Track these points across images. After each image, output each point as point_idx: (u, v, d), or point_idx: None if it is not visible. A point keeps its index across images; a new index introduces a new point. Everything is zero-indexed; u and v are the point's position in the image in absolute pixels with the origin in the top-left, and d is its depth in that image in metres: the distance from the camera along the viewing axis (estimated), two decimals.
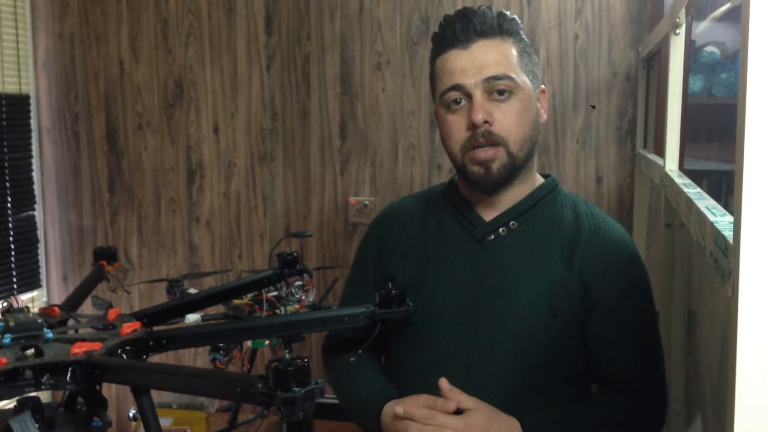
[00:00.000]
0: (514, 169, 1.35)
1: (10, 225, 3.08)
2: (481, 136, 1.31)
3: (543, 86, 1.41)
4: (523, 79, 1.34)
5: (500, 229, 1.38)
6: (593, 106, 2.72)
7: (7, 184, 3.06)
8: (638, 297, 1.38)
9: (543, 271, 1.34)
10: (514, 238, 1.37)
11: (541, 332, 1.31)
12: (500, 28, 1.35)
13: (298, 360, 0.96)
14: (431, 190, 1.55)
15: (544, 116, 1.41)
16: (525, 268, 1.35)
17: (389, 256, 1.48)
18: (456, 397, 1.24)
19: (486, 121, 1.31)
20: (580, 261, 1.34)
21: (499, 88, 1.31)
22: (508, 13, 1.37)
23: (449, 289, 1.37)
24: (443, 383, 1.25)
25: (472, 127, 1.31)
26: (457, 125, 1.34)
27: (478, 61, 1.32)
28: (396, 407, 1.26)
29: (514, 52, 1.35)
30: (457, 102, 1.34)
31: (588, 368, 1.37)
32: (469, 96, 1.32)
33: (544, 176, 1.46)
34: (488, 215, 1.40)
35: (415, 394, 1.28)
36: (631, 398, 1.35)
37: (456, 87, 1.33)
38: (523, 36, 1.39)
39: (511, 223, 1.38)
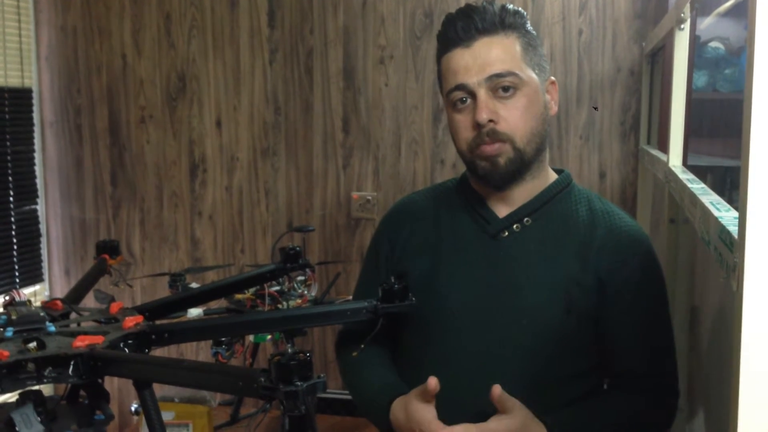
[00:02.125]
0: (523, 164, 1.34)
1: (13, 218, 3.08)
2: (486, 135, 1.31)
3: (552, 78, 1.40)
4: (528, 74, 1.33)
5: (514, 226, 1.38)
6: (595, 108, 2.71)
7: (10, 178, 3.06)
8: (654, 292, 1.38)
9: (557, 267, 1.33)
10: (528, 234, 1.37)
11: (554, 329, 1.31)
12: (502, 23, 1.33)
13: (301, 354, 0.96)
14: (441, 186, 1.55)
15: (555, 108, 1.40)
16: (539, 265, 1.34)
17: (401, 251, 1.47)
18: (498, 397, 1.21)
19: (491, 120, 1.30)
20: (595, 257, 1.33)
21: (503, 85, 1.31)
22: (511, 6, 1.35)
23: (462, 285, 1.37)
24: (496, 389, 1.21)
25: (477, 126, 1.31)
26: (464, 124, 1.34)
27: (480, 59, 1.31)
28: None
29: (517, 47, 1.34)
30: (462, 101, 1.34)
31: (602, 364, 1.37)
32: (473, 95, 1.32)
33: (558, 171, 1.45)
34: (502, 211, 1.39)
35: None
36: (647, 394, 1.35)
37: (460, 87, 1.33)
38: (529, 28, 1.37)
39: (525, 219, 1.38)
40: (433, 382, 1.23)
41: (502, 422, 1.20)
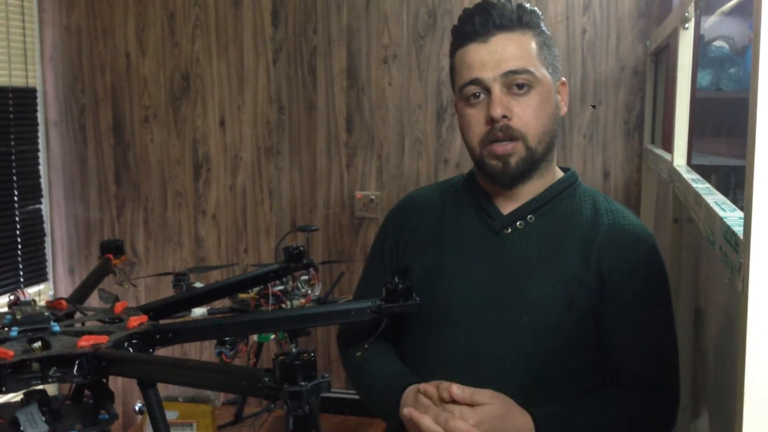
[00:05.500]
0: (533, 163, 1.35)
1: (17, 218, 3.09)
2: (499, 130, 1.32)
3: (563, 79, 1.41)
4: (543, 73, 1.34)
5: (518, 223, 1.38)
6: (593, 106, 2.71)
7: (14, 177, 3.06)
8: (655, 291, 1.37)
9: (559, 264, 1.33)
10: (532, 231, 1.37)
11: (556, 326, 1.31)
12: (520, 20, 1.34)
13: (305, 354, 0.96)
14: (449, 182, 1.55)
15: (564, 108, 1.41)
16: (542, 262, 1.34)
17: (406, 244, 1.48)
18: (470, 396, 1.22)
19: (504, 116, 1.31)
20: (597, 254, 1.33)
21: (518, 82, 1.32)
22: (528, 5, 1.36)
23: (465, 280, 1.37)
24: (454, 390, 1.22)
25: (491, 121, 1.32)
26: (476, 119, 1.34)
27: (497, 55, 1.32)
28: (419, 385, 1.26)
29: (533, 45, 1.34)
30: (476, 96, 1.34)
31: (602, 361, 1.37)
32: (487, 90, 1.32)
33: (564, 170, 1.45)
34: (506, 208, 1.40)
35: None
36: (643, 394, 1.34)
37: (475, 81, 1.33)
38: (544, 28, 1.38)
39: (529, 216, 1.38)
40: (456, 390, 1.23)
41: (476, 412, 1.20)
